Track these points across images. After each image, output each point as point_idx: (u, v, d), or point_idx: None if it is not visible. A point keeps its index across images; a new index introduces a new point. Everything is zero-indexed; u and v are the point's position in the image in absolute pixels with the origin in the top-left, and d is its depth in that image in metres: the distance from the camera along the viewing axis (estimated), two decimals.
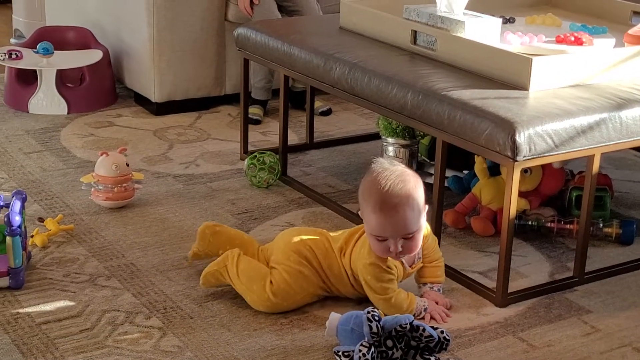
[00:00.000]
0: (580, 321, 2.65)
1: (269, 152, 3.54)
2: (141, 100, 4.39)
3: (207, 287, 2.71)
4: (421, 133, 3.49)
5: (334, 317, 2.45)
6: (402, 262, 2.58)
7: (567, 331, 2.59)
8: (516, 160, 2.57)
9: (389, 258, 2.53)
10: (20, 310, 2.59)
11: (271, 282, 2.60)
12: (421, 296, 2.67)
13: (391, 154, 3.51)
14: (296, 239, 2.68)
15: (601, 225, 3.13)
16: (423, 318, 2.58)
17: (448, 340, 2.36)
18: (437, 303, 2.65)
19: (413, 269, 2.64)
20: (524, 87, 2.82)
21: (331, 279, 2.65)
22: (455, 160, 3.39)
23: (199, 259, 2.85)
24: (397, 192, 2.46)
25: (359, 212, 2.59)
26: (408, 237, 2.49)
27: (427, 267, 2.69)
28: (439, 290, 2.71)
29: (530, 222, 3.14)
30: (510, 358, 2.45)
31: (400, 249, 2.49)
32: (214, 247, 2.80)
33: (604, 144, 2.71)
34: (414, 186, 2.50)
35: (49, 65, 4.24)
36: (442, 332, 2.36)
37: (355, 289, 2.65)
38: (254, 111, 4.23)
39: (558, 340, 2.55)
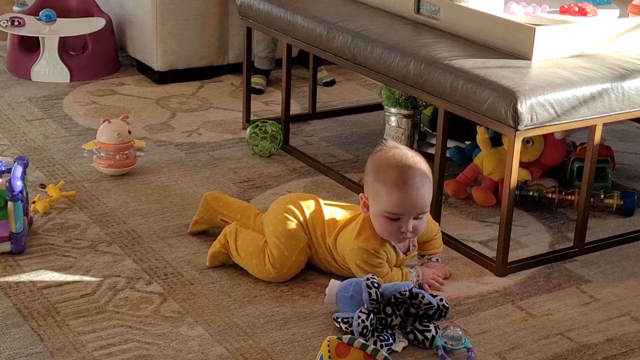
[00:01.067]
0: (580, 291, 2.66)
1: (271, 122, 3.54)
2: (144, 69, 4.38)
3: (215, 265, 2.71)
4: (424, 103, 3.49)
5: (334, 284, 2.46)
6: (395, 249, 2.56)
7: (566, 300, 2.60)
8: (518, 130, 2.57)
9: (380, 244, 2.51)
10: (22, 275, 2.60)
11: (269, 255, 2.60)
12: (420, 265, 2.68)
13: (394, 124, 3.51)
14: (283, 198, 2.69)
15: (602, 196, 3.13)
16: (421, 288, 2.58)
17: (447, 308, 2.37)
18: (436, 275, 2.64)
19: (407, 257, 2.61)
20: (526, 56, 2.81)
21: (314, 241, 2.64)
22: (457, 130, 3.39)
23: (199, 229, 2.86)
24: (417, 170, 2.47)
25: (364, 194, 2.54)
26: (419, 217, 2.49)
27: (427, 241, 2.68)
28: (437, 260, 2.71)
29: (531, 193, 3.14)
30: (509, 326, 2.46)
31: (411, 228, 2.49)
32: (213, 212, 2.82)
33: (606, 114, 2.71)
34: (428, 167, 2.52)
35: (51, 32, 4.23)
36: (441, 299, 2.37)
37: (334, 265, 2.64)
38: (257, 80, 4.22)
39: (557, 309, 2.56)
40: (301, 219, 2.64)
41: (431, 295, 2.38)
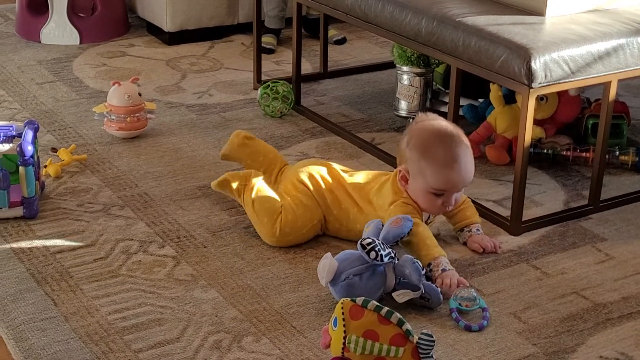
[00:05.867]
0: (595, 249, 2.64)
1: (282, 82, 3.51)
2: (153, 30, 4.35)
3: (216, 190, 2.73)
4: (436, 61, 3.45)
5: (330, 264, 2.33)
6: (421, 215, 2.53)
7: (581, 259, 2.59)
8: (532, 87, 2.54)
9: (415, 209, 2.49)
10: (35, 240, 2.60)
11: (282, 218, 2.59)
12: (464, 243, 2.62)
13: (406, 82, 3.47)
14: (303, 168, 2.67)
15: (617, 153, 3.10)
16: (432, 279, 2.41)
17: (425, 299, 2.33)
18: (484, 248, 2.58)
19: (429, 223, 2.59)
20: (540, 12, 2.77)
21: (334, 212, 2.60)
22: (470, 88, 3.36)
23: (229, 160, 2.89)
24: (464, 145, 2.46)
25: (403, 168, 2.49)
26: (458, 190, 2.49)
27: (457, 212, 2.64)
28: (478, 231, 2.63)
29: (545, 151, 3.11)
30: (523, 285, 2.45)
31: (453, 202, 2.49)
32: (241, 156, 2.84)
33: (621, 70, 2.67)
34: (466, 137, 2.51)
35: None
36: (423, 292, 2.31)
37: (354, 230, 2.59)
38: (267, 40, 4.19)
39: (572, 267, 2.54)
40: (316, 188, 2.62)
41: (429, 282, 2.34)
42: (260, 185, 2.66)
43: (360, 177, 2.64)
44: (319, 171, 2.65)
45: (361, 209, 2.58)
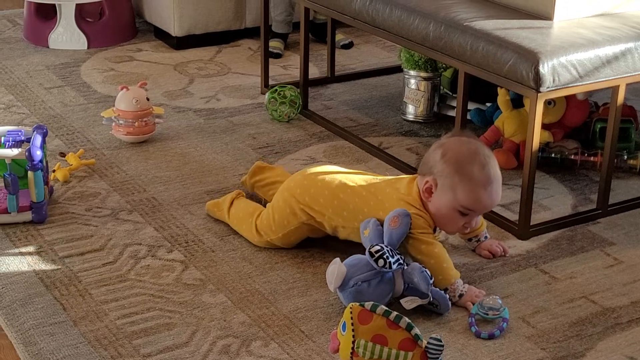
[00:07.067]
0: (603, 253, 2.64)
1: (289, 86, 3.52)
2: (161, 35, 4.36)
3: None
4: (443, 65, 3.45)
5: (338, 269, 2.33)
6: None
7: (589, 263, 2.58)
8: (540, 92, 2.54)
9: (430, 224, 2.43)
10: (43, 244, 2.61)
11: (256, 220, 2.61)
12: (473, 250, 2.62)
13: (413, 86, 3.48)
14: (294, 176, 2.63)
15: (625, 157, 3.09)
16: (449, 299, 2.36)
17: (434, 305, 2.33)
18: (493, 254, 2.58)
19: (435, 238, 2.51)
20: (548, 17, 2.77)
21: (342, 213, 2.51)
22: (477, 92, 3.36)
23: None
24: (499, 173, 2.41)
25: (431, 179, 2.39)
26: (483, 213, 2.46)
27: None
28: (485, 237, 2.62)
29: (553, 155, 3.11)
30: (532, 290, 2.45)
31: (474, 224, 2.45)
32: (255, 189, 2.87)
33: (629, 74, 2.67)
34: None
35: None
36: (433, 298, 2.31)
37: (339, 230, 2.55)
38: (275, 45, 4.19)
39: (580, 272, 2.54)
40: (300, 200, 2.54)
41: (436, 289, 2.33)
42: (234, 204, 2.71)
43: (371, 177, 2.58)
44: (316, 183, 2.56)
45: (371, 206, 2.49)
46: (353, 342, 2.01)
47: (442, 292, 2.32)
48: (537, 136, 2.62)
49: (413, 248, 2.38)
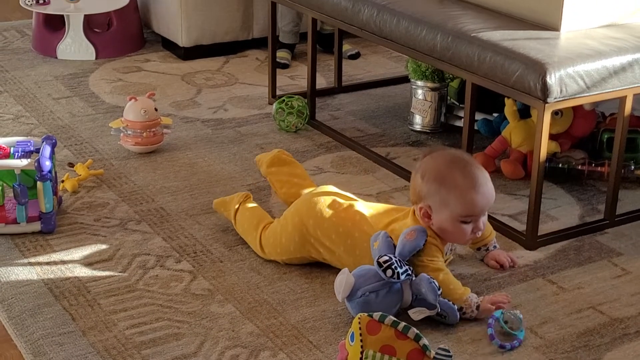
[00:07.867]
0: (611, 263, 2.64)
1: (297, 96, 3.53)
2: (169, 45, 4.37)
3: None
4: (450, 76, 3.46)
5: (345, 279, 2.33)
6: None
7: (597, 273, 2.58)
8: (547, 102, 2.55)
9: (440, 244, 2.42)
10: (52, 255, 2.62)
11: (262, 233, 2.60)
12: (482, 260, 2.61)
13: (420, 97, 3.48)
14: (312, 199, 2.57)
15: (632, 167, 3.09)
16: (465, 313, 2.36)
17: (442, 316, 2.33)
18: (501, 265, 2.58)
19: (446, 261, 2.49)
20: (555, 27, 2.78)
21: (352, 249, 2.48)
22: (484, 102, 3.36)
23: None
24: (480, 167, 2.40)
25: (423, 205, 2.37)
26: (484, 213, 2.42)
27: None
28: (495, 247, 2.62)
29: (560, 165, 3.11)
30: (540, 300, 2.45)
31: (482, 226, 2.41)
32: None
33: (636, 85, 2.67)
34: None
35: (76, 10, 4.23)
36: (440, 310, 2.31)
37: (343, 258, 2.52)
38: (282, 55, 4.21)
39: (588, 282, 2.54)
40: (312, 232, 2.52)
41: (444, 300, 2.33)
42: (240, 209, 2.70)
43: (371, 210, 2.54)
44: (324, 203, 2.55)
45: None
46: (361, 353, 2.02)
47: (450, 303, 2.32)
48: (545, 146, 2.62)
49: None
